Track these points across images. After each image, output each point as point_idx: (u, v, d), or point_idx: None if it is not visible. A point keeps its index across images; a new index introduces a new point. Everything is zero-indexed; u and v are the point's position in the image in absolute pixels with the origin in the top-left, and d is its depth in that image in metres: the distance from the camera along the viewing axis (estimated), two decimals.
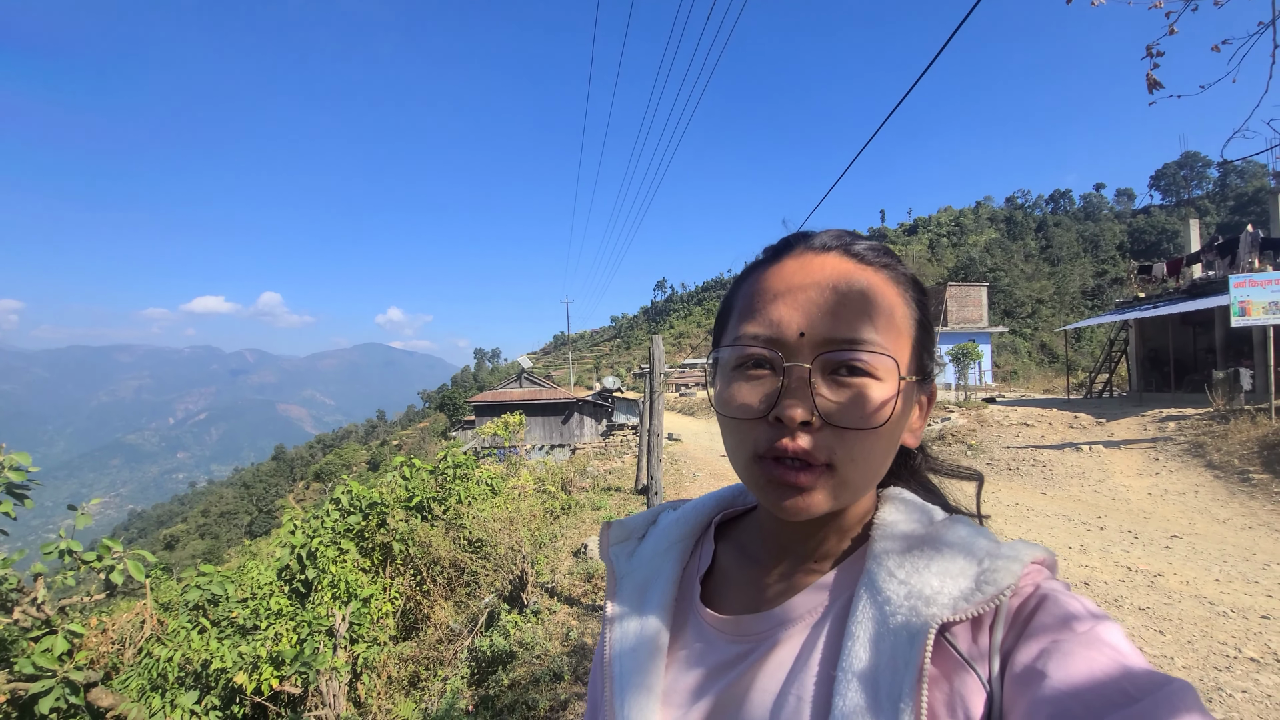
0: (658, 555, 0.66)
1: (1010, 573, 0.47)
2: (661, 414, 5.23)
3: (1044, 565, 0.50)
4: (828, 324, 0.51)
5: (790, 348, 0.51)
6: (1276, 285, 10.69)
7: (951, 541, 0.52)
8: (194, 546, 58.14)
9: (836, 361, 0.51)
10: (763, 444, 0.51)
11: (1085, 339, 38.00)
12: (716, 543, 0.68)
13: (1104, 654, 0.41)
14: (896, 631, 0.47)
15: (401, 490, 6.33)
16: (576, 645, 4.14)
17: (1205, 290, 15.79)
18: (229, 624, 4.34)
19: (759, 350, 0.53)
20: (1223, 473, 9.08)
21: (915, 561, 0.51)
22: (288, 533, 5.30)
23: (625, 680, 0.59)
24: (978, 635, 0.47)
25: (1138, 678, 0.39)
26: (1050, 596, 0.47)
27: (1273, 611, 4.60)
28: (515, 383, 30.86)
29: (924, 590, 0.48)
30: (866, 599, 0.50)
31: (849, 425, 0.50)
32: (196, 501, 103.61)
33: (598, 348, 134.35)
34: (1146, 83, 1.90)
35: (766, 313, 0.53)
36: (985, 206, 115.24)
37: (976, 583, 0.48)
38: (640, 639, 0.60)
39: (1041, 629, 0.45)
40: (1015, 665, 0.44)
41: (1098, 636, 0.43)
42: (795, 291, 0.53)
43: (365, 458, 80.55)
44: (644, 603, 0.63)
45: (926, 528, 0.55)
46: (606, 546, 0.71)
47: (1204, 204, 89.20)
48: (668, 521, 0.70)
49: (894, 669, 0.46)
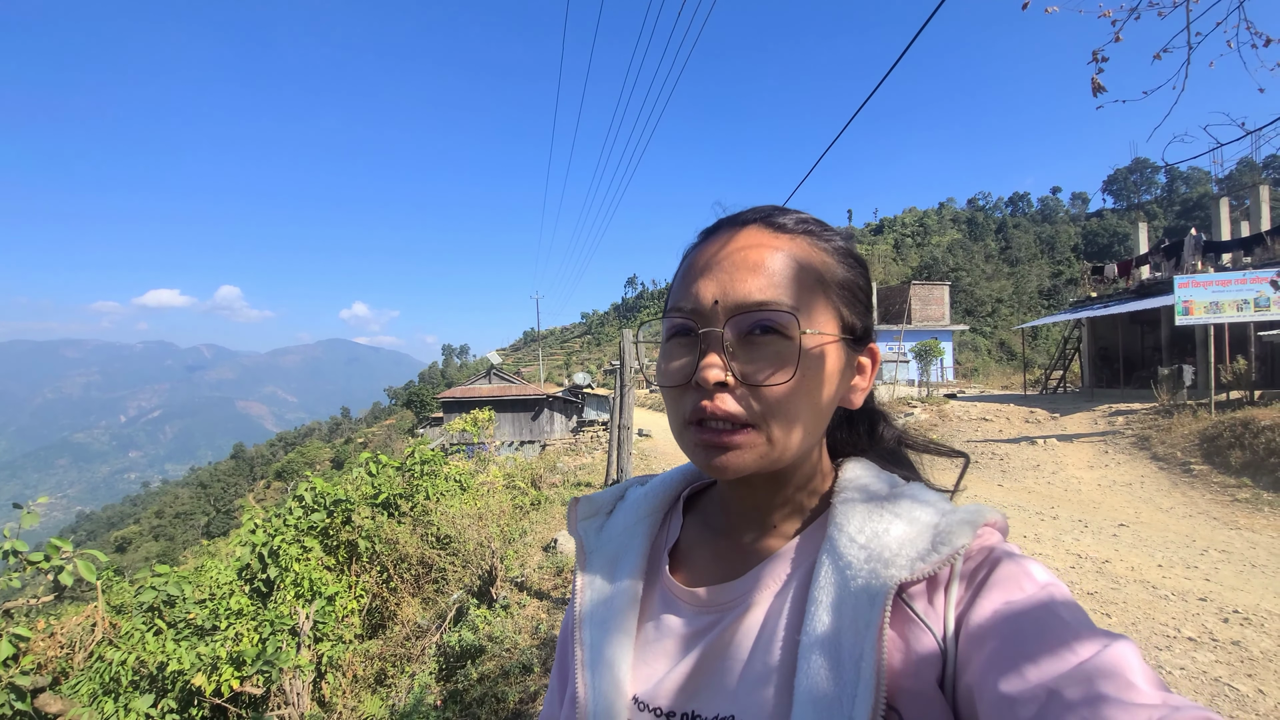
0: (626, 530, 0.67)
1: (964, 533, 0.49)
2: (632, 409, 5.26)
3: (996, 528, 0.52)
4: (737, 290, 0.53)
5: (705, 315, 0.54)
6: (1217, 286, 11.22)
7: (909, 504, 0.54)
8: (148, 549, 56.11)
9: (748, 324, 0.53)
10: (690, 409, 0.53)
11: (1041, 337, 39.34)
12: (684, 515, 0.69)
13: (1052, 615, 0.43)
14: (857, 594, 0.49)
15: (367, 487, 6.23)
16: (546, 638, 4.15)
17: (1152, 291, 16.49)
18: (186, 625, 4.22)
19: (680, 321, 0.55)
20: (1166, 464, 9.51)
21: (874, 525, 0.53)
22: (248, 531, 5.17)
23: (598, 651, 0.60)
24: (933, 596, 0.49)
25: (1084, 636, 0.41)
26: (1002, 559, 0.48)
27: (1209, 594, 4.86)
28: (484, 379, 30.55)
29: (883, 553, 0.50)
30: (829, 564, 0.52)
31: (761, 383, 0.52)
32: (150, 502, 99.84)
33: (568, 344, 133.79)
34: (1091, 86, 2.00)
35: (687, 287, 0.56)
36: (948, 208, 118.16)
37: (932, 542, 0.49)
38: (610, 611, 0.62)
39: (993, 590, 0.46)
40: (968, 624, 0.46)
41: (1046, 597, 0.44)
42: (713, 265, 0.55)
43: (329, 456, 78.72)
44: (614, 576, 0.64)
45: (886, 493, 0.57)
46: (575, 522, 0.72)
47: (1153, 208, 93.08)
48: (636, 496, 0.71)
49: (855, 631, 0.47)
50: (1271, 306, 10.85)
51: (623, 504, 0.71)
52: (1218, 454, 9.11)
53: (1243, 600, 4.72)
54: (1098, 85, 2.00)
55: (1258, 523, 7.07)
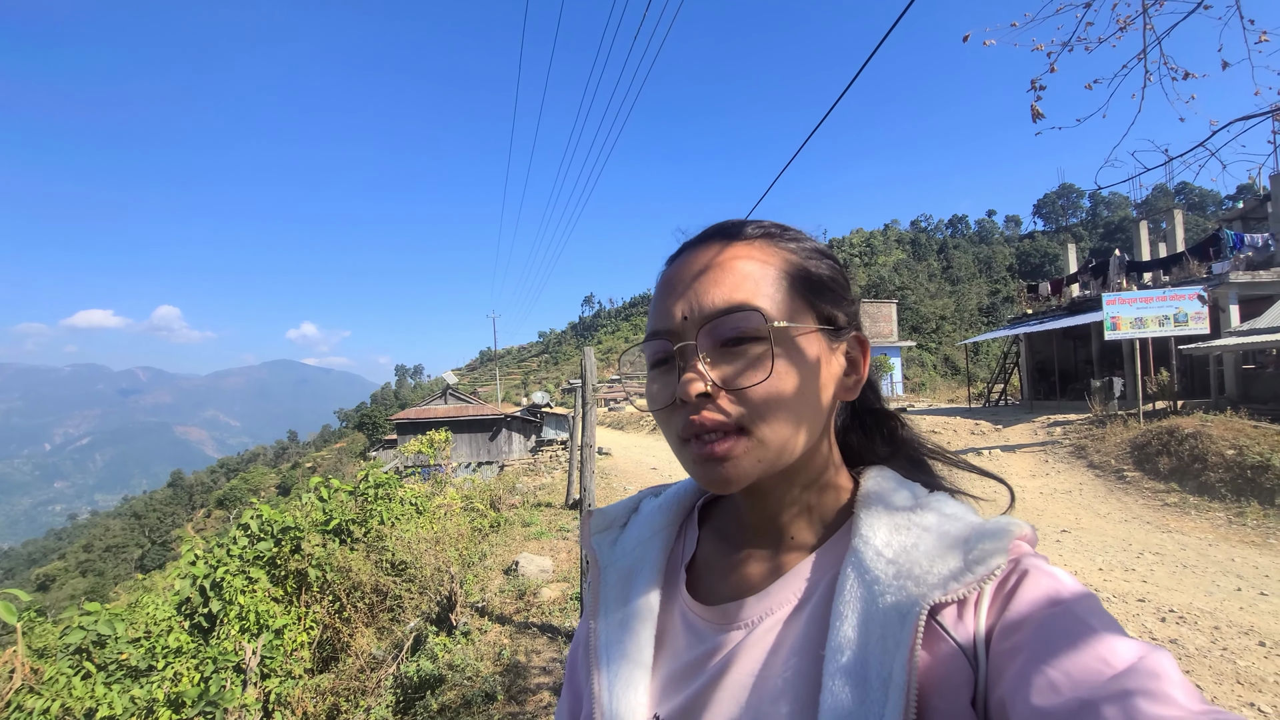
0: (641, 544, 0.66)
1: (999, 552, 0.47)
2: (594, 427, 5.23)
3: (1026, 540, 0.51)
4: (702, 301, 0.54)
5: (677, 333, 0.54)
6: (1141, 303, 11.97)
7: (936, 517, 0.53)
8: (74, 585, 52.32)
9: (720, 332, 0.53)
10: (681, 427, 0.53)
11: (983, 352, 41.04)
12: (700, 528, 0.67)
13: (1083, 625, 0.42)
14: (886, 612, 0.47)
15: (318, 513, 5.98)
16: (510, 664, 4.04)
17: (1082, 307, 17.45)
18: (118, 666, 3.94)
19: (658, 344, 0.56)
20: (1102, 472, 10.01)
21: (902, 539, 0.51)
22: (188, 563, 4.89)
23: (614, 671, 0.58)
24: (963, 611, 0.47)
25: (1117, 647, 0.40)
26: (1031, 571, 0.47)
27: (1147, 595, 5.11)
28: (440, 399, 29.89)
29: (913, 569, 0.48)
30: (854, 578, 0.50)
31: (743, 385, 0.52)
32: (77, 535, 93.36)
33: (525, 363, 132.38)
34: (1031, 113, 2.14)
35: (657, 310, 0.57)
36: (893, 229, 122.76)
37: (965, 562, 0.48)
38: (627, 629, 0.60)
39: (1022, 601, 0.45)
40: (998, 638, 0.45)
41: (1077, 607, 0.44)
42: (677, 284, 0.56)
43: (275, 481, 75.47)
44: (630, 592, 0.62)
45: (911, 504, 0.55)
46: (588, 536, 0.70)
47: (1079, 230, 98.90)
48: (650, 508, 0.69)
49: (884, 649, 0.46)
50: (1190, 322, 11.63)
51: (636, 517, 0.69)
52: (1148, 461, 9.65)
53: (1177, 600, 4.98)
54: (1037, 112, 2.13)
55: (1186, 525, 7.50)
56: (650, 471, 13.84)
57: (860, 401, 0.67)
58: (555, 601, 5.47)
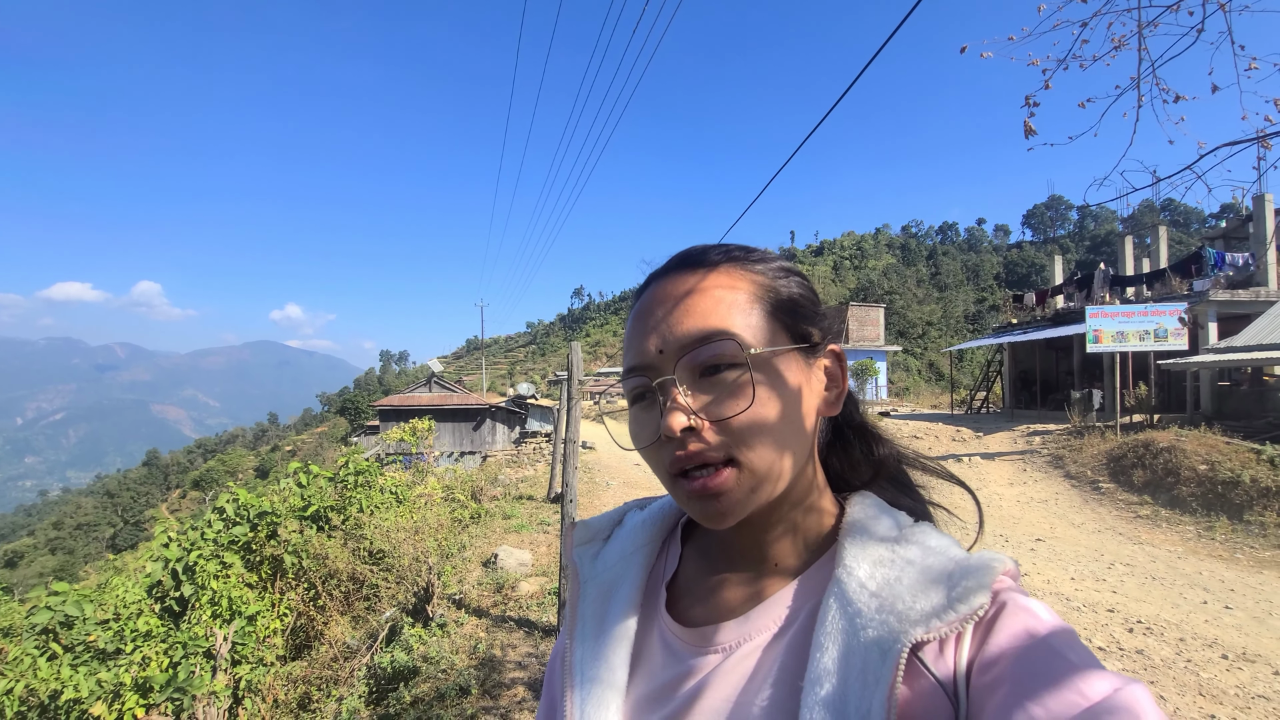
0: (623, 559, 0.65)
1: (982, 592, 0.47)
2: (578, 422, 5.21)
3: (1009, 575, 0.51)
4: (674, 332, 0.53)
5: (655, 368, 0.54)
6: (1123, 317, 12.16)
7: (920, 551, 0.53)
8: (43, 563, 51.46)
9: (697, 362, 0.53)
10: (669, 462, 0.52)
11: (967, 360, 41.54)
12: (683, 545, 0.67)
13: (1061, 659, 0.42)
14: (868, 646, 0.47)
15: (296, 499, 5.92)
16: (485, 658, 4.03)
17: (1066, 319, 17.71)
18: (86, 648, 3.88)
19: (634, 379, 0.55)
20: (1078, 482, 10.18)
21: (886, 572, 0.51)
22: (161, 545, 4.83)
23: (588, 689, 0.58)
24: (944, 647, 0.47)
25: (1094, 681, 0.40)
26: (1009, 604, 0.47)
27: (1116, 605, 5.20)
28: (424, 387, 29.68)
29: (895, 604, 0.48)
30: (836, 609, 0.50)
31: (726, 415, 0.51)
32: (48, 512, 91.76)
33: (512, 353, 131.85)
34: (1024, 129, 2.15)
35: (631, 346, 0.57)
36: (884, 233, 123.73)
37: (948, 599, 0.48)
38: (603, 646, 0.59)
39: (1001, 635, 0.46)
40: (978, 671, 0.45)
41: (1054, 640, 0.44)
42: (648, 318, 0.56)
43: (253, 464, 74.61)
44: (608, 608, 0.62)
45: (895, 535, 0.55)
46: (570, 548, 0.69)
47: (1066, 242, 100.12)
48: (634, 523, 0.68)
49: (864, 684, 0.45)
50: (1169, 338, 11.84)
51: (620, 530, 0.69)
52: (1123, 473, 9.82)
53: (1145, 611, 5.08)
54: (1029, 128, 2.15)
55: (1157, 537, 7.64)
56: (634, 467, 13.86)
57: (842, 415, 0.66)
58: (534, 595, 5.46)
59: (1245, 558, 6.76)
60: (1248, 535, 7.38)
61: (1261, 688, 3.81)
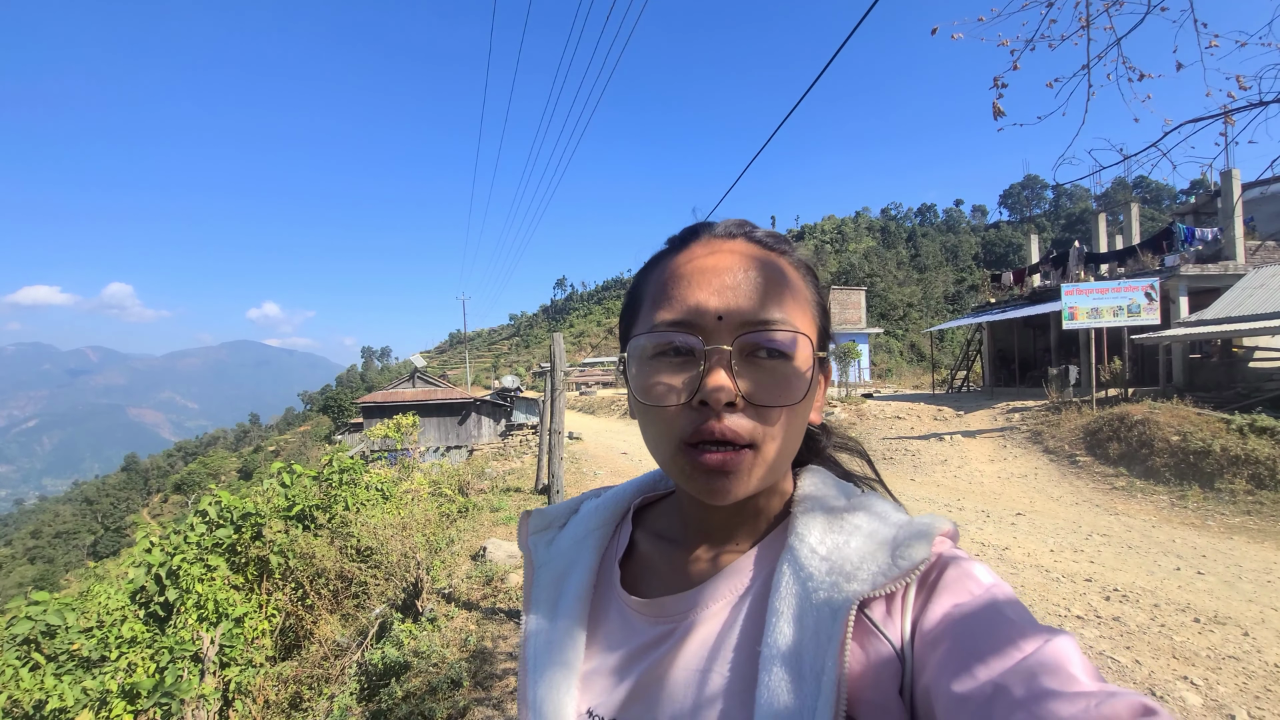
0: (576, 543, 0.66)
1: (921, 549, 0.50)
2: (563, 412, 5.21)
3: (949, 536, 0.53)
4: (743, 306, 0.52)
5: (709, 331, 0.52)
6: (1097, 294, 12.37)
7: (867, 517, 0.55)
8: (21, 573, 50.44)
9: (754, 343, 0.52)
10: (688, 430, 0.51)
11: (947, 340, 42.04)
12: (635, 527, 0.68)
13: (998, 615, 0.45)
14: (819, 608, 0.49)
15: (280, 499, 5.86)
16: (476, 650, 4.04)
17: (1043, 297, 17.97)
18: (70, 657, 3.83)
19: (679, 335, 0.53)
20: (1056, 457, 10.39)
21: (835, 538, 0.53)
22: (143, 550, 4.76)
23: (540, 667, 0.59)
24: (890, 605, 0.49)
25: (1027, 632, 0.43)
26: (949, 564, 0.50)
27: (1094, 575, 5.34)
28: (408, 382, 29.43)
29: (844, 566, 0.50)
30: (790, 575, 0.52)
31: (770, 403, 0.51)
32: (24, 521, 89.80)
33: (496, 346, 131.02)
34: (993, 110, 2.17)
35: (682, 298, 0.54)
36: (864, 216, 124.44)
37: (892, 558, 0.50)
38: (556, 625, 0.60)
39: (943, 594, 0.48)
40: (922, 629, 0.47)
41: (992, 598, 0.47)
42: (709, 275, 0.54)
43: (236, 466, 73.59)
44: (562, 590, 0.63)
45: (844, 505, 0.57)
46: (525, 536, 0.70)
47: (1042, 221, 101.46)
48: (589, 509, 0.69)
49: (817, 644, 0.47)
50: (1142, 313, 12.08)
51: (575, 517, 0.69)
52: (1099, 446, 10.04)
53: (1121, 579, 5.22)
54: (998, 110, 2.17)
55: (1132, 508, 7.85)
56: (620, 456, 13.89)
57: None
58: (523, 587, 5.47)
59: (1216, 524, 6.96)
60: (1219, 503, 7.60)
61: (1232, 649, 3.95)
